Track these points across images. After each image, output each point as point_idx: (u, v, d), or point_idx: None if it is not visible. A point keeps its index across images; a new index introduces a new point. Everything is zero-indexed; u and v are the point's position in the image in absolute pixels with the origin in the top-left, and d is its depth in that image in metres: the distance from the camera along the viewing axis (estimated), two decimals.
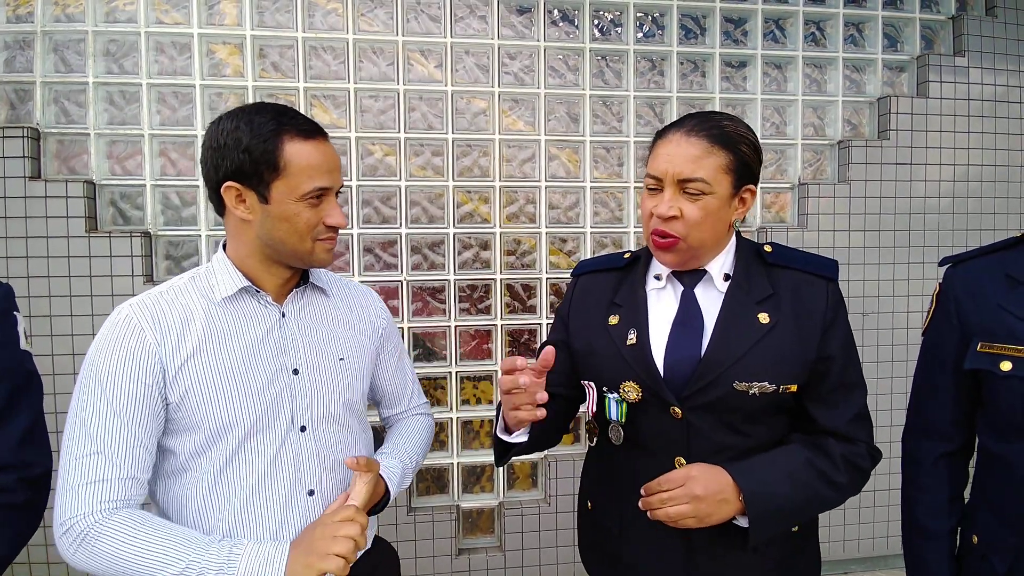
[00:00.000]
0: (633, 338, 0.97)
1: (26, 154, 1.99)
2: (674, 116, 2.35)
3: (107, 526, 0.79)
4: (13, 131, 1.98)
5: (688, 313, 0.97)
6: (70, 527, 0.79)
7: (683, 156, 0.90)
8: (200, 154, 0.92)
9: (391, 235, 2.23)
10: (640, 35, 2.36)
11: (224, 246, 0.96)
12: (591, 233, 2.34)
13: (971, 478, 1.00)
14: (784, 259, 0.99)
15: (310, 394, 0.95)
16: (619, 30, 2.35)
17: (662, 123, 2.36)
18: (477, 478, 2.36)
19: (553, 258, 2.35)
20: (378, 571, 1.06)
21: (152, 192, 2.11)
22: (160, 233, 2.13)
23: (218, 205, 0.92)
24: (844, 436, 0.93)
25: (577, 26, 2.31)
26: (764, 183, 2.44)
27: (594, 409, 1.02)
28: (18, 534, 0.84)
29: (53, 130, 2.06)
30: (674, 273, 1.00)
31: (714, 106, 2.38)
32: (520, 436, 0.94)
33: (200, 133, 2.11)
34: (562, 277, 2.34)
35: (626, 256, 1.10)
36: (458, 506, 2.30)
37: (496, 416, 0.97)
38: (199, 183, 2.12)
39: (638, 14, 2.34)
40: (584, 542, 1.14)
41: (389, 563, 1.12)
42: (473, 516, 2.36)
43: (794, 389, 0.93)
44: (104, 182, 2.09)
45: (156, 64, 2.11)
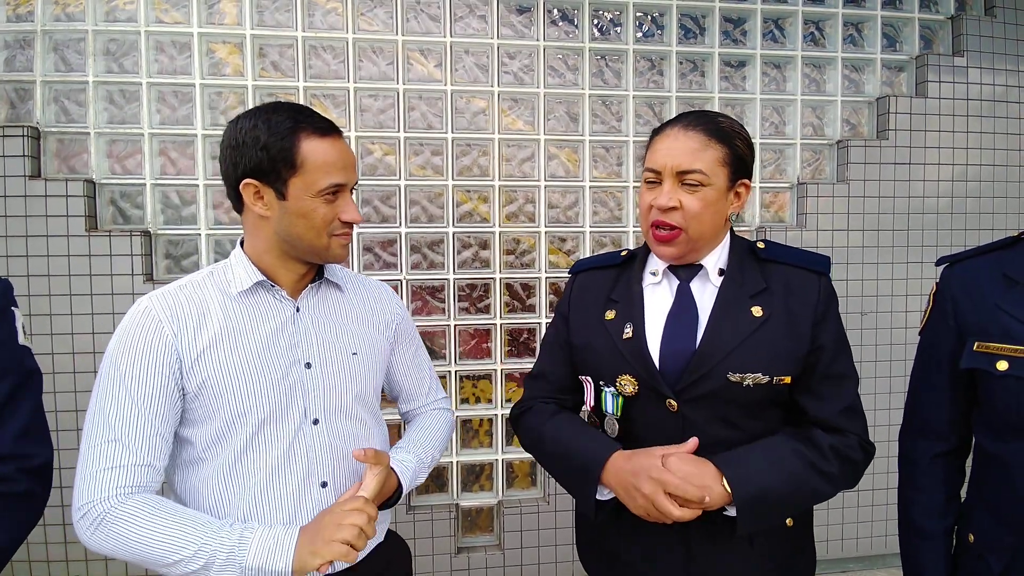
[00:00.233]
0: (629, 332, 0.98)
1: (26, 153, 1.99)
2: (673, 115, 2.35)
3: (122, 510, 0.82)
4: (13, 130, 1.98)
5: (683, 306, 0.98)
6: (87, 511, 0.82)
7: (682, 149, 0.93)
8: (219, 153, 0.95)
9: (391, 234, 2.23)
10: (639, 35, 2.36)
11: (242, 243, 0.99)
12: (590, 232, 2.35)
13: (968, 478, 1.01)
14: (777, 254, 1.01)
15: (322, 388, 0.96)
16: (618, 30, 2.35)
17: (661, 123, 2.36)
18: (476, 477, 2.36)
19: (552, 257, 2.35)
20: (391, 565, 1.08)
21: (152, 191, 2.11)
22: (160, 232, 2.13)
23: (236, 202, 0.95)
24: (834, 427, 0.94)
25: (576, 26, 2.32)
26: (763, 183, 2.44)
27: (592, 403, 1.03)
28: (19, 523, 0.85)
29: (53, 129, 2.06)
30: (670, 268, 1.02)
31: (713, 105, 2.38)
32: (610, 494, 0.96)
33: (200, 132, 2.11)
34: (561, 276, 2.34)
35: (623, 254, 1.12)
36: (457, 504, 2.31)
37: (587, 478, 0.96)
38: (199, 182, 2.13)
39: (637, 14, 2.35)
40: (582, 540, 1.14)
41: (402, 557, 1.13)
42: (472, 514, 2.37)
43: (788, 381, 0.94)
44: (104, 181, 2.09)
45: (156, 63, 2.11)
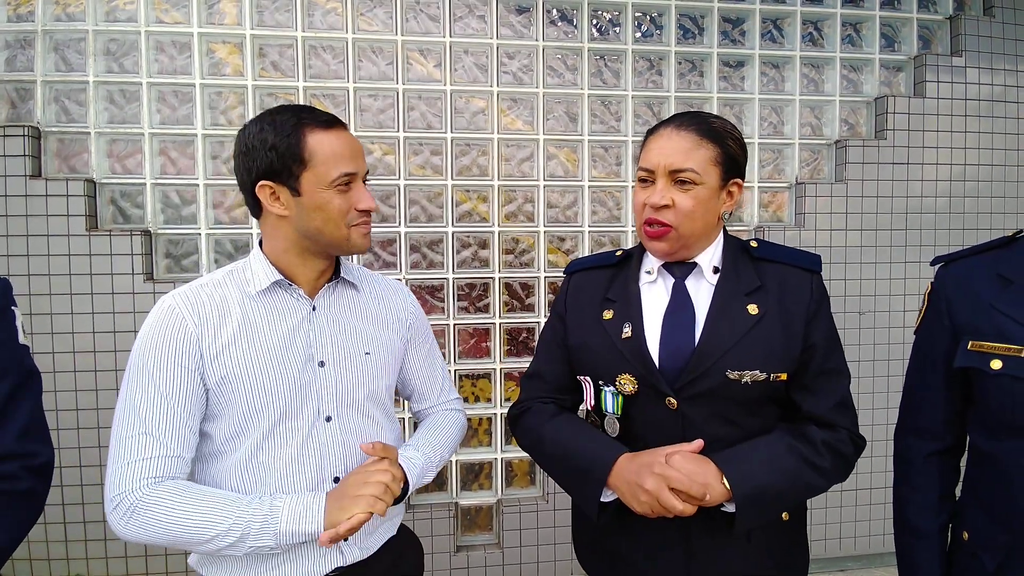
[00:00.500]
0: (628, 331, 0.99)
1: (27, 153, 1.99)
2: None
3: (153, 497, 0.85)
4: (14, 130, 1.99)
5: (679, 304, 0.99)
6: (119, 502, 0.85)
7: (674, 148, 0.95)
8: (233, 163, 0.97)
9: (390, 234, 2.24)
10: (638, 35, 2.37)
11: (260, 244, 1.01)
12: (589, 232, 2.35)
13: (962, 476, 1.01)
14: (769, 253, 1.03)
15: (335, 386, 0.99)
16: (617, 30, 2.36)
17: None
18: (475, 475, 2.37)
19: (551, 257, 2.36)
20: (404, 557, 1.11)
21: (152, 191, 2.12)
22: (160, 231, 2.14)
23: (254, 207, 0.97)
24: (827, 422, 0.96)
25: (576, 26, 2.32)
26: (762, 182, 2.45)
27: (592, 403, 1.04)
28: (22, 521, 0.86)
29: (54, 129, 2.07)
30: (665, 266, 1.03)
31: (712, 105, 2.39)
32: (613, 495, 0.96)
33: (200, 132, 2.12)
34: (560, 276, 2.34)
35: (618, 254, 1.13)
36: (456, 503, 2.32)
37: (591, 481, 0.96)
38: (199, 182, 2.13)
39: (636, 14, 2.35)
40: (580, 539, 1.15)
41: (414, 552, 1.15)
42: (471, 513, 2.38)
43: (784, 377, 0.96)
44: (104, 181, 2.10)
45: (156, 63, 2.11)
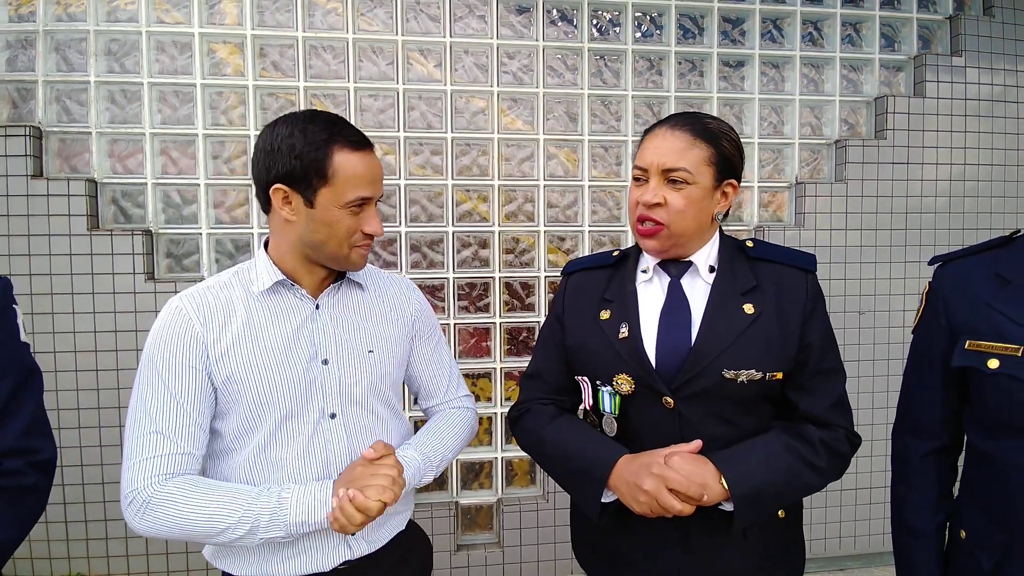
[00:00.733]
0: (625, 331, 0.99)
1: (28, 152, 2.00)
2: None
3: (164, 493, 0.87)
4: (15, 130, 1.99)
5: (675, 303, 1.00)
6: (133, 499, 0.88)
7: (668, 148, 0.96)
8: (252, 156, 0.97)
9: (390, 233, 2.24)
10: (638, 35, 2.37)
11: (266, 244, 1.02)
12: (589, 232, 2.36)
13: (959, 475, 1.02)
14: (765, 253, 1.03)
15: (338, 384, 1.00)
16: (617, 30, 2.36)
17: None
18: (476, 475, 2.38)
19: (551, 256, 2.36)
20: (412, 552, 1.13)
21: (153, 190, 2.12)
22: (161, 231, 2.14)
23: (264, 203, 0.97)
24: (823, 421, 0.97)
25: (576, 26, 2.33)
26: (761, 182, 2.45)
27: (590, 403, 1.04)
28: (27, 516, 0.88)
29: (55, 129, 2.08)
30: (660, 264, 1.04)
31: (712, 105, 2.39)
32: (612, 495, 0.97)
33: (201, 132, 2.12)
34: (560, 276, 2.35)
35: (615, 254, 1.13)
36: (457, 502, 2.32)
37: (591, 481, 0.97)
38: (200, 182, 2.14)
39: (636, 14, 2.35)
40: (579, 538, 1.15)
41: (422, 547, 1.17)
42: (472, 512, 2.38)
43: (780, 377, 0.96)
44: (105, 180, 2.11)
45: (157, 63, 2.12)
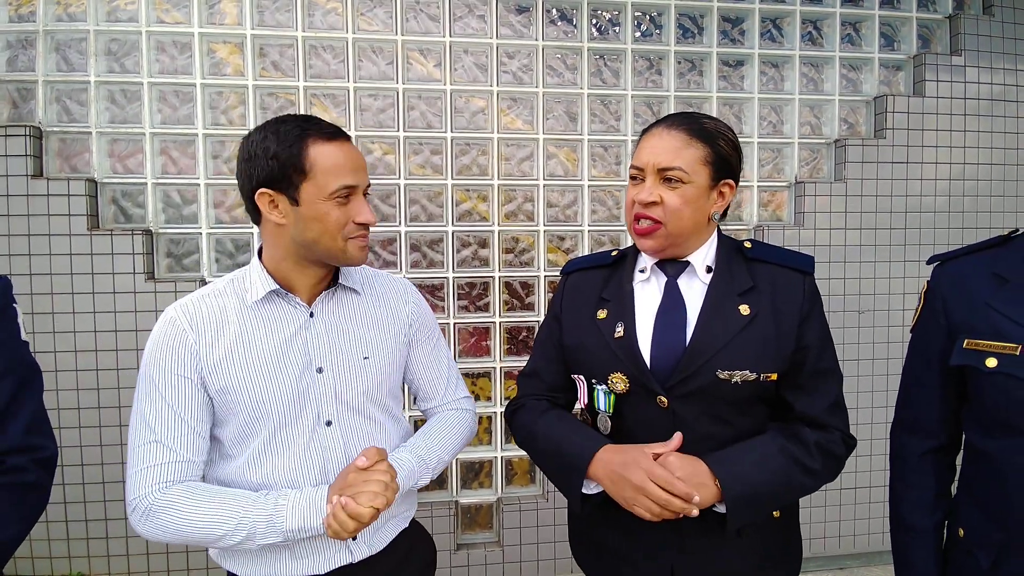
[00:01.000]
0: (621, 331, 1.00)
1: (28, 152, 2.00)
2: None
3: (166, 500, 0.90)
4: (15, 130, 1.99)
5: (671, 302, 1.00)
6: (136, 506, 0.90)
7: (664, 147, 0.96)
8: (236, 169, 0.98)
9: (390, 233, 2.25)
10: (638, 34, 2.37)
11: (260, 253, 1.02)
12: (589, 231, 2.36)
13: (958, 474, 1.02)
14: (763, 254, 1.03)
15: (334, 391, 1.00)
16: (617, 29, 2.36)
17: None
18: (476, 474, 2.38)
19: (551, 256, 2.36)
20: (415, 552, 1.14)
21: (153, 190, 2.13)
22: (161, 231, 2.15)
23: (254, 214, 0.98)
24: (820, 423, 0.97)
25: (575, 25, 2.33)
26: (761, 181, 2.45)
27: (585, 401, 1.05)
28: (29, 513, 0.89)
29: (55, 129, 2.08)
30: (658, 264, 1.04)
31: (711, 105, 2.39)
32: (598, 487, 0.97)
33: (201, 132, 2.13)
34: (559, 276, 2.35)
35: (613, 254, 1.13)
36: (457, 502, 2.33)
37: (573, 470, 0.98)
38: (200, 181, 2.14)
39: (636, 13, 2.35)
40: (574, 533, 1.16)
41: (425, 545, 1.18)
42: (472, 512, 2.38)
43: (774, 378, 0.96)
44: (106, 180, 2.11)
45: (157, 63, 2.12)
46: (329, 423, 0.99)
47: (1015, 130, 2.50)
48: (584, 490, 0.98)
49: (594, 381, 1.02)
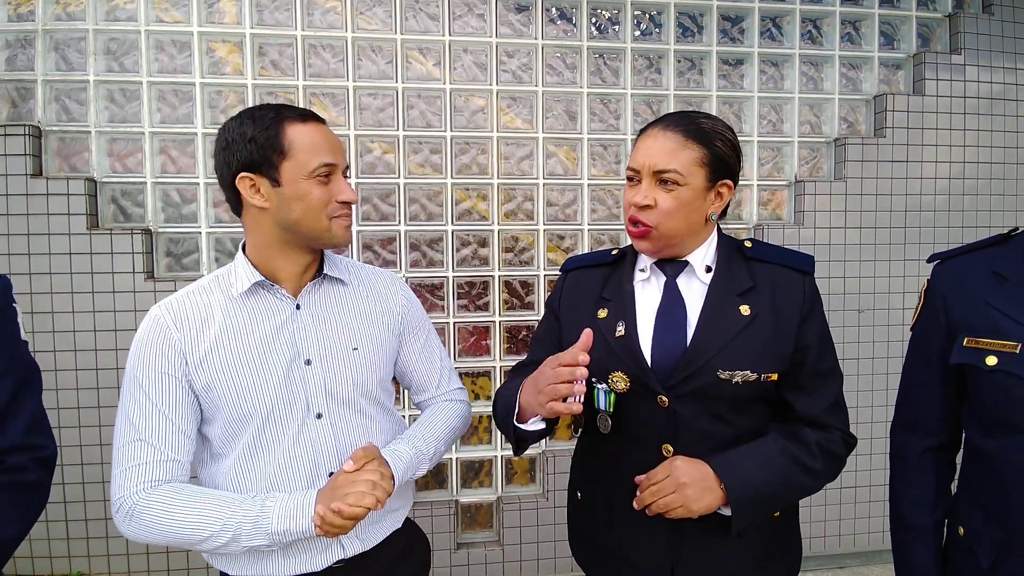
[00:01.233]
0: (621, 330, 0.99)
1: (27, 152, 2.00)
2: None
3: (151, 500, 0.89)
4: (15, 129, 1.99)
5: (671, 302, 1.00)
6: (120, 505, 0.89)
7: (659, 149, 0.95)
8: (213, 161, 0.97)
9: (390, 232, 2.25)
10: (637, 33, 2.37)
11: (243, 248, 1.01)
12: (588, 230, 2.36)
13: (958, 472, 1.02)
14: (763, 254, 1.03)
15: (323, 383, 0.99)
16: (616, 28, 2.36)
17: None
18: (476, 473, 2.38)
19: (551, 255, 2.36)
20: (411, 549, 1.13)
21: (153, 189, 2.12)
22: (161, 230, 2.15)
23: (235, 203, 0.97)
24: (820, 423, 0.97)
25: (575, 24, 2.32)
26: (761, 180, 2.45)
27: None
28: (29, 512, 0.89)
29: (54, 128, 2.08)
30: (657, 264, 1.04)
31: (711, 104, 2.39)
32: (536, 423, 0.97)
33: (200, 131, 2.13)
34: (559, 274, 2.35)
35: (613, 253, 1.13)
36: (457, 501, 2.33)
37: (512, 409, 0.98)
38: (199, 180, 2.14)
39: (635, 12, 2.35)
40: (573, 531, 1.16)
41: (420, 544, 1.17)
42: (472, 511, 2.38)
43: (775, 378, 0.96)
44: (105, 179, 2.11)
45: (156, 62, 2.12)
46: (319, 416, 0.99)
47: (1015, 129, 2.50)
48: (527, 426, 0.97)
49: (594, 380, 1.01)
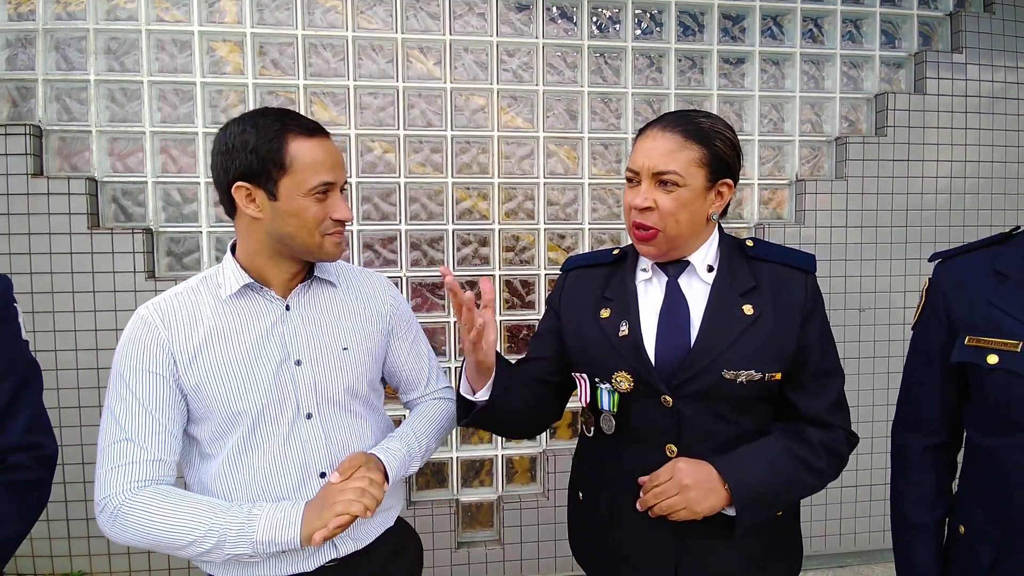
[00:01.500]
0: (625, 330, 0.99)
1: (28, 151, 2.00)
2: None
3: (136, 501, 0.87)
4: (15, 128, 1.99)
5: (673, 302, 1.00)
6: (105, 505, 0.88)
7: (658, 150, 0.94)
8: (210, 160, 0.97)
9: (391, 231, 2.25)
10: (638, 32, 2.37)
11: (232, 248, 1.01)
12: (589, 229, 2.36)
13: (959, 471, 1.02)
14: (765, 253, 1.03)
15: (313, 384, 0.99)
16: (617, 27, 2.36)
17: None
18: (476, 472, 2.38)
19: (551, 254, 2.36)
20: (404, 549, 1.13)
21: (153, 189, 2.13)
22: (161, 230, 2.15)
23: (229, 207, 0.97)
24: (823, 422, 0.97)
25: (575, 23, 2.32)
26: (762, 179, 2.45)
27: (587, 400, 1.04)
28: (30, 511, 0.89)
29: (55, 127, 2.08)
30: (658, 264, 1.03)
31: (712, 102, 2.39)
32: (483, 395, 0.97)
33: (201, 130, 2.13)
34: (560, 273, 2.35)
35: (615, 252, 1.13)
36: (457, 500, 2.33)
37: (459, 375, 1.00)
38: (200, 180, 2.14)
39: (636, 11, 2.35)
40: (574, 531, 1.16)
41: (412, 543, 1.17)
42: (472, 510, 2.39)
43: (778, 377, 0.96)
44: (106, 179, 2.11)
45: (157, 62, 2.12)
46: (309, 416, 0.99)
47: (1016, 128, 2.50)
48: (471, 397, 0.99)
49: (597, 380, 1.01)
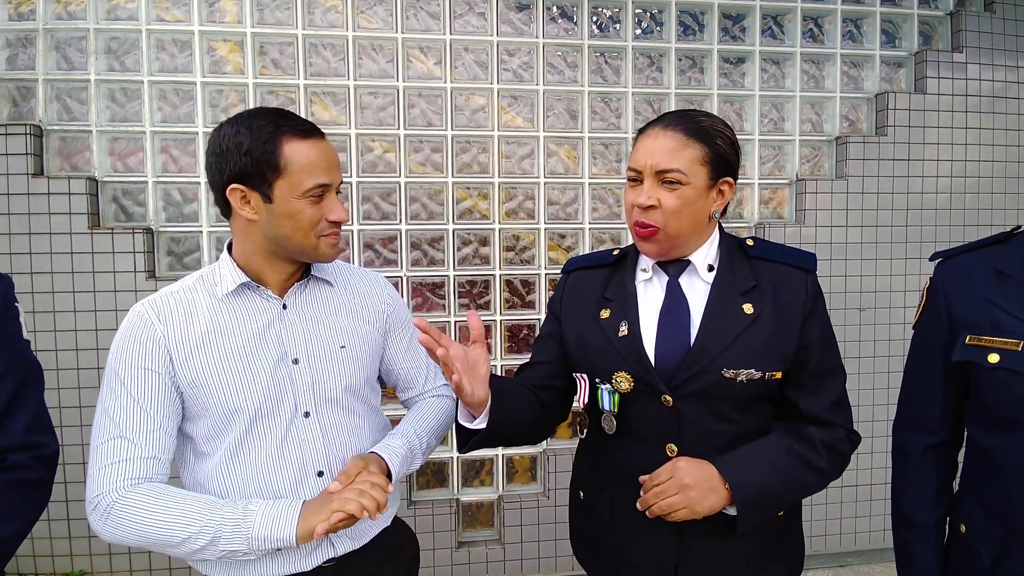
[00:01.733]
0: (625, 330, 0.99)
1: (29, 151, 2.00)
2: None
3: (129, 499, 0.86)
4: (16, 128, 1.99)
5: (674, 302, 1.00)
6: (97, 503, 0.87)
7: (660, 149, 0.94)
8: (204, 161, 0.96)
9: (391, 231, 2.25)
10: (638, 31, 2.37)
11: (229, 247, 1.00)
12: (589, 229, 2.36)
13: (960, 470, 1.02)
14: (765, 252, 1.03)
15: (311, 382, 0.99)
16: (617, 27, 2.36)
17: None
18: (477, 472, 2.38)
19: (552, 254, 2.36)
20: (401, 548, 1.13)
21: (154, 189, 2.13)
22: (162, 229, 2.15)
23: (224, 208, 0.96)
24: (824, 421, 0.97)
25: (576, 23, 2.32)
26: (762, 179, 2.45)
27: (585, 400, 1.04)
28: (31, 510, 0.89)
29: (55, 127, 2.08)
30: (659, 264, 1.03)
31: (712, 102, 2.39)
32: (481, 422, 0.96)
33: (201, 130, 2.13)
34: (560, 273, 2.35)
35: (615, 253, 1.13)
36: (458, 500, 2.33)
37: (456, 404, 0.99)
38: (200, 180, 2.14)
39: (636, 10, 2.35)
40: (575, 531, 1.16)
41: (409, 543, 1.17)
42: (473, 510, 2.39)
43: (779, 376, 0.96)
44: (106, 179, 2.11)
45: (157, 61, 2.12)
46: (307, 414, 0.98)
47: (1016, 127, 2.50)
48: (471, 424, 0.97)
49: (597, 380, 1.01)
